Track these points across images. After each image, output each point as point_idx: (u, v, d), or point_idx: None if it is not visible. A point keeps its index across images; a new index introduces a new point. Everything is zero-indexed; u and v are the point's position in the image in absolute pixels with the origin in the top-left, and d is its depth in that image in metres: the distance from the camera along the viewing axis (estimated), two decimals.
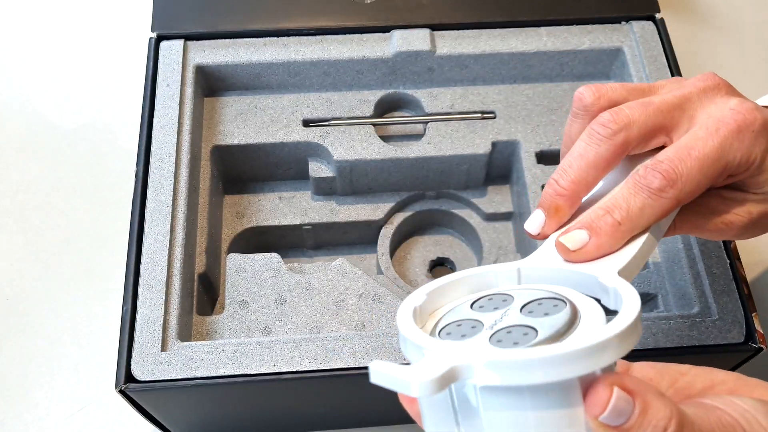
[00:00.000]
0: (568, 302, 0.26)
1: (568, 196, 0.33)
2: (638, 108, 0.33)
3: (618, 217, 0.31)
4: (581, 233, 0.31)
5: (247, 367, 0.41)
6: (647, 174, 0.31)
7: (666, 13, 0.55)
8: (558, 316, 0.26)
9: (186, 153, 0.49)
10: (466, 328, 0.27)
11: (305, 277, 0.49)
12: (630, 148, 0.33)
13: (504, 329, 0.26)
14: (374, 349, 0.42)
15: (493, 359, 0.23)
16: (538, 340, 0.25)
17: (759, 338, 0.43)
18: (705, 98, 0.33)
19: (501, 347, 0.25)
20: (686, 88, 0.34)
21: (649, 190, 0.31)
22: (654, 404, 0.24)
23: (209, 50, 0.53)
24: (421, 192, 0.55)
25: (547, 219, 0.33)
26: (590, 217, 0.31)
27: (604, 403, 0.24)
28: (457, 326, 0.27)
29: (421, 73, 0.54)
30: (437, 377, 0.22)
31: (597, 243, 0.31)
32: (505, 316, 0.27)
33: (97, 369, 0.55)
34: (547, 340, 0.25)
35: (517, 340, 0.25)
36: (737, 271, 0.45)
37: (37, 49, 0.70)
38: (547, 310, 0.26)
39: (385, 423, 0.52)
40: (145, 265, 0.44)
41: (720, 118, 0.32)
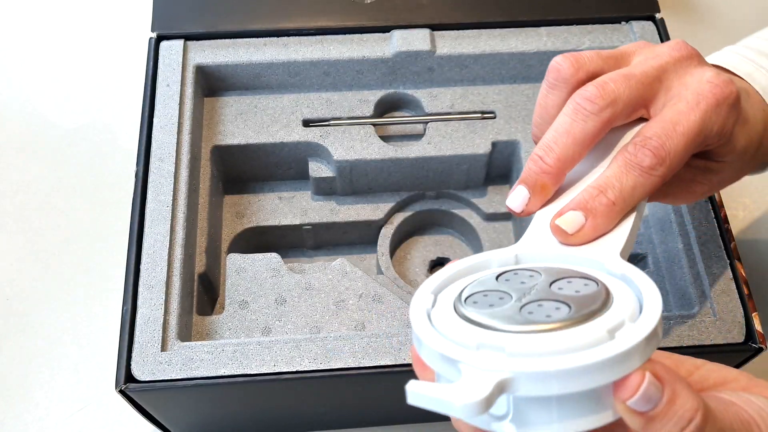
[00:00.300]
0: (599, 282, 0.26)
1: (553, 174, 0.32)
2: (622, 81, 0.32)
3: (612, 196, 0.31)
4: (577, 215, 0.31)
5: (247, 367, 0.41)
6: (638, 152, 0.31)
7: (666, 13, 0.55)
8: (590, 294, 0.26)
9: (186, 153, 0.49)
10: (494, 298, 0.26)
11: (305, 277, 0.49)
12: (614, 123, 0.33)
13: (535, 302, 0.26)
14: (374, 349, 0.42)
15: (539, 370, 0.23)
16: (571, 315, 0.24)
17: (759, 338, 0.43)
18: (680, 68, 0.33)
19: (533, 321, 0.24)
20: (662, 58, 0.34)
21: (640, 168, 0.31)
22: (682, 395, 0.24)
23: (209, 50, 0.53)
24: (421, 192, 0.55)
25: (531, 196, 0.33)
26: (584, 197, 0.31)
27: (635, 389, 0.24)
28: (484, 296, 0.27)
29: (421, 73, 0.54)
30: (483, 398, 0.22)
31: (593, 224, 0.31)
32: (533, 290, 0.27)
33: (97, 369, 0.55)
34: (582, 318, 0.24)
35: (549, 314, 0.25)
36: (737, 271, 0.45)
37: (37, 49, 0.70)
38: (578, 287, 0.26)
39: (385, 423, 0.52)
40: (145, 265, 0.44)
41: (699, 92, 0.32)
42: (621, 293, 0.26)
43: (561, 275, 0.27)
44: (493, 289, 0.27)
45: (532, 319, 0.24)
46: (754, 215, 0.63)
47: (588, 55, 0.34)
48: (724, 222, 0.47)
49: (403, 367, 0.42)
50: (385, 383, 0.44)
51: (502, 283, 0.28)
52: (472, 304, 0.26)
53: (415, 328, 0.26)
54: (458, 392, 0.22)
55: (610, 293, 0.26)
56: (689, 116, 0.32)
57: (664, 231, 0.48)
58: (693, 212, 0.47)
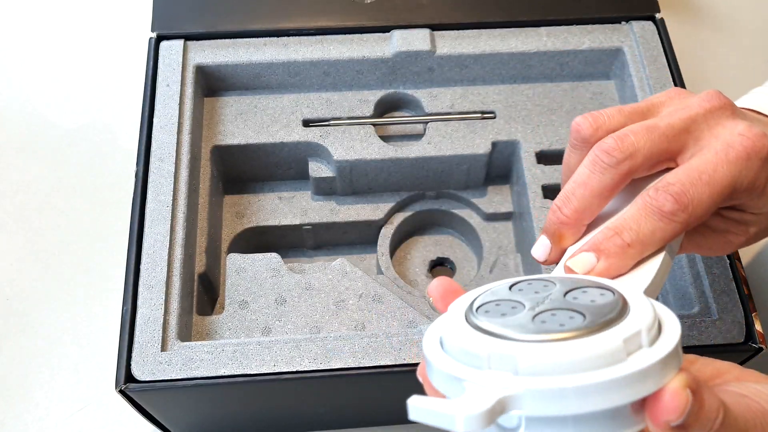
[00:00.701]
0: (615, 292, 0.26)
1: (571, 224, 0.32)
2: (643, 134, 0.32)
3: (627, 238, 0.30)
4: (589, 256, 0.31)
5: (247, 367, 0.41)
6: (659, 196, 0.31)
7: (666, 13, 0.55)
8: (606, 303, 0.25)
9: (186, 153, 0.49)
10: (506, 308, 0.26)
11: (305, 277, 0.49)
12: (634, 175, 0.32)
13: (548, 311, 0.25)
14: (374, 350, 0.42)
15: (544, 388, 0.22)
16: (586, 324, 0.24)
17: (759, 338, 0.43)
18: (711, 119, 0.33)
19: (546, 330, 0.24)
20: (692, 109, 0.33)
21: (660, 213, 0.30)
22: (707, 398, 0.24)
23: (209, 50, 0.53)
24: (421, 192, 0.55)
25: (552, 246, 0.33)
26: (598, 238, 0.31)
27: (681, 409, 0.23)
28: (496, 305, 0.26)
29: (421, 73, 0.54)
30: (484, 411, 0.22)
31: (605, 265, 0.30)
32: (547, 300, 0.26)
33: (97, 369, 0.55)
34: (596, 327, 0.24)
35: (563, 323, 0.24)
36: (737, 271, 0.45)
37: (37, 49, 0.70)
38: (593, 297, 0.26)
39: (385, 423, 0.52)
40: (145, 265, 0.44)
41: (729, 143, 0.31)
42: (638, 304, 0.25)
43: (577, 285, 0.27)
44: (506, 299, 0.27)
45: (546, 329, 0.24)
46: None
47: (608, 113, 0.34)
48: None
49: (403, 367, 0.42)
50: (385, 383, 0.44)
51: (515, 293, 0.27)
52: (484, 313, 0.26)
53: (426, 352, 0.26)
54: (460, 406, 0.22)
55: (627, 303, 0.25)
56: (717, 167, 0.31)
57: None
58: None
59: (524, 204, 0.51)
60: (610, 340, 0.23)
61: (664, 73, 0.52)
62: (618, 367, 0.22)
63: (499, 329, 0.24)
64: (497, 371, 0.23)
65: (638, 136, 0.32)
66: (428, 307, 0.50)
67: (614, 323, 0.24)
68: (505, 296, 0.27)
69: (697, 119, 0.33)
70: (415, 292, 0.51)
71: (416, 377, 0.30)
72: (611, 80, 0.55)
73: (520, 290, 0.27)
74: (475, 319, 0.25)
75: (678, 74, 0.52)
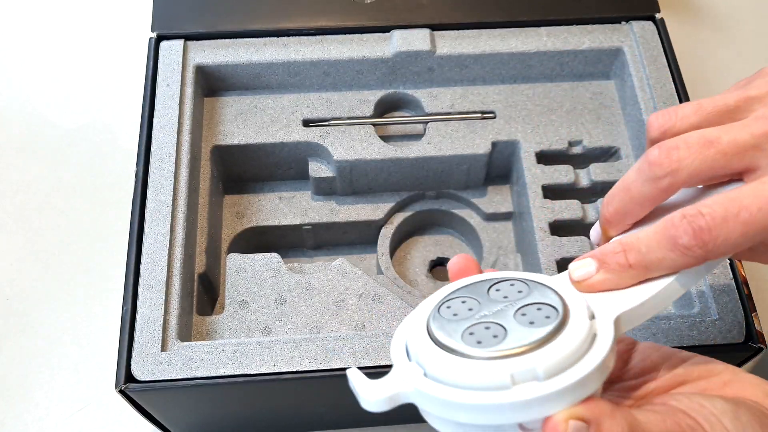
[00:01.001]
0: (559, 318, 0.27)
1: (612, 223, 0.32)
2: (696, 149, 0.29)
3: (632, 259, 0.29)
4: (590, 263, 0.30)
5: (247, 367, 0.41)
6: (679, 226, 0.28)
7: (666, 13, 0.55)
8: (537, 330, 0.26)
9: (186, 153, 0.49)
10: (463, 309, 0.29)
11: (305, 277, 0.49)
12: (679, 189, 0.30)
13: (484, 323, 0.27)
14: (374, 349, 0.42)
15: (424, 392, 0.26)
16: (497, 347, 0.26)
17: (759, 338, 0.43)
18: None
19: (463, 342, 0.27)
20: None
21: (674, 244, 0.28)
22: (606, 426, 0.25)
23: (209, 50, 0.53)
24: (421, 192, 0.55)
25: (601, 234, 0.33)
26: (606, 249, 0.30)
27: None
28: (462, 302, 0.29)
29: (421, 73, 0.54)
30: (381, 399, 0.27)
31: (603, 278, 0.30)
32: (499, 311, 0.28)
33: (97, 369, 0.55)
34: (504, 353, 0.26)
35: (481, 339, 0.26)
36: (737, 271, 0.45)
37: (37, 49, 0.70)
38: (536, 319, 0.27)
39: (385, 423, 0.52)
40: (145, 265, 0.44)
41: None
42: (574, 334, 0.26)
43: (540, 300, 0.28)
44: (473, 298, 0.29)
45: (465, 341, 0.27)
46: None
47: (683, 113, 0.31)
48: None
49: None
50: None
51: (489, 294, 0.29)
52: (444, 308, 0.29)
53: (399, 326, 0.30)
54: (367, 391, 0.27)
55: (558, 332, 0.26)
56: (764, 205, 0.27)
57: None
58: None
59: (524, 204, 0.51)
60: (499, 372, 0.25)
61: (664, 73, 0.52)
62: (497, 393, 0.25)
63: (434, 329, 0.28)
64: (416, 366, 0.27)
65: (690, 150, 0.29)
66: None
67: (526, 352, 0.26)
68: (475, 295, 0.29)
69: None
70: (415, 292, 0.51)
71: None
72: (611, 80, 0.55)
73: (497, 290, 0.29)
74: (432, 314, 0.29)
75: (678, 74, 0.52)
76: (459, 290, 0.30)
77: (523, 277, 0.30)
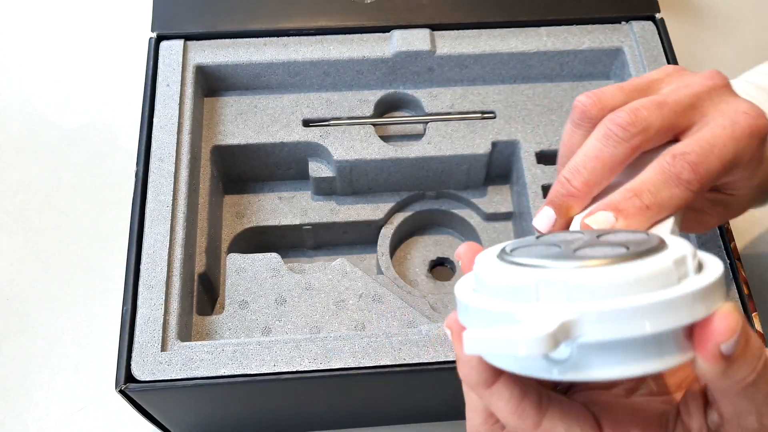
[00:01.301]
0: (647, 233, 0.26)
1: (580, 197, 0.32)
2: (654, 110, 0.32)
3: (646, 200, 0.31)
4: (607, 215, 0.31)
5: (247, 367, 0.41)
6: (677, 163, 0.31)
7: (666, 13, 0.55)
8: (643, 238, 0.25)
9: (186, 153, 0.49)
10: (542, 249, 0.25)
11: (305, 277, 0.49)
12: (644, 149, 0.33)
13: (587, 247, 0.24)
14: (374, 349, 0.42)
15: (602, 310, 0.21)
16: (630, 252, 0.23)
17: (760, 339, 0.43)
18: (715, 96, 0.33)
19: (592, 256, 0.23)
20: (695, 87, 0.34)
21: (678, 180, 0.31)
22: (752, 335, 0.24)
23: (209, 50, 0.53)
24: (421, 192, 0.55)
25: (557, 218, 0.33)
26: (616, 198, 0.31)
27: (732, 330, 0.23)
28: (531, 248, 0.25)
29: (421, 73, 0.54)
30: (548, 334, 0.21)
31: (624, 224, 0.30)
32: (582, 240, 0.25)
33: (97, 369, 0.55)
34: (642, 253, 0.23)
35: (606, 253, 0.23)
36: (737, 271, 0.45)
37: (37, 49, 0.70)
38: (627, 237, 0.25)
39: (386, 423, 0.52)
40: (145, 265, 0.44)
41: (735, 120, 0.32)
42: (673, 239, 0.26)
43: (606, 232, 0.27)
44: (538, 244, 0.26)
45: (592, 255, 0.23)
46: (754, 215, 0.62)
47: (611, 91, 0.34)
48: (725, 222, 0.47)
49: (403, 367, 0.42)
50: (385, 383, 0.44)
51: (545, 241, 0.27)
52: (521, 253, 0.25)
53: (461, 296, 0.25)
54: (522, 330, 0.21)
55: (662, 239, 0.25)
56: (726, 143, 0.31)
57: None
58: None
59: (524, 204, 0.51)
60: (661, 262, 0.23)
61: None
62: (671, 289, 0.22)
63: (543, 261, 0.23)
64: (548, 301, 0.22)
65: (649, 111, 0.32)
66: (428, 307, 0.50)
67: (658, 251, 0.24)
68: (535, 243, 0.26)
69: (702, 96, 0.33)
70: (415, 292, 0.51)
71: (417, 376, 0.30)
72: (611, 80, 0.55)
73: (548, 240, 0.27)
74: (514, 258, 0.24)
75: None
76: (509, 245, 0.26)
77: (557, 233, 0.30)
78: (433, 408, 0.49)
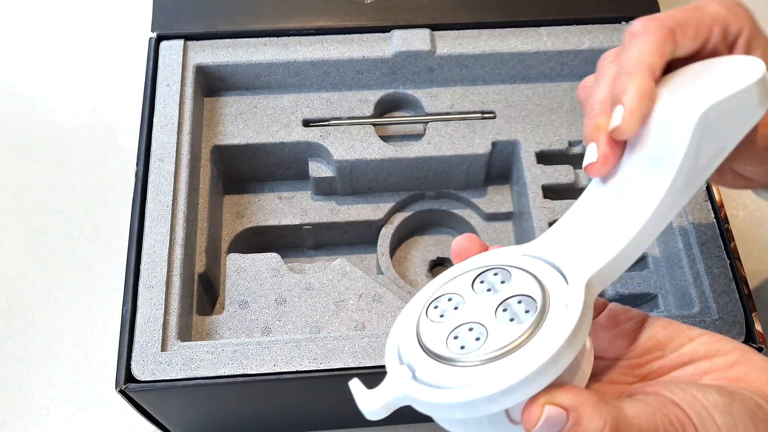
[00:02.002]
0: (537, 311, 0.27)
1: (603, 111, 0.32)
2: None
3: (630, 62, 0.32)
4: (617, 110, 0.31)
5: (247, 367, 0.41)
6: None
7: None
8: (515, 329, 0.27)
9: (186, 153, 0.49)
10: (450, 308, 0.30)
11: (305, 277, 0.49)
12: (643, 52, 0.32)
13: (468, 324, 0.28)
14: (374, 349, 0.42)
15: (412, 396, 0.28)
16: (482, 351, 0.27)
17: (759, 338, 0.43)
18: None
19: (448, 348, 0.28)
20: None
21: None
22: (586, 416, 0.26)
23: (209, 50, 0.53)
24: (421, 192, 0.55)
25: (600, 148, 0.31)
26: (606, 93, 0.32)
27: (536, 419, 0.26)
28: (448, 300, 0.30)
29: (421, 73, 0.54)
30: (379, 408, 0.29)
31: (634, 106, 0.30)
32: (485, 306, 0.29)
33: (97, 369, 0.55)
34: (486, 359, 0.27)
35: (464, 344, 0.28)
36: (737, 271, 0.45)
37: (38, 49, 0.70)
38: (515, 314, 0.28)
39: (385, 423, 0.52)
40: (145, 265, 0.44)
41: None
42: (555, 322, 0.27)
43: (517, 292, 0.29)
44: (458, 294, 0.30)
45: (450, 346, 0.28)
46: (754, 215, 0.63)
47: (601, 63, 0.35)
48: (724, 222, 0.47)
49: None
50: None
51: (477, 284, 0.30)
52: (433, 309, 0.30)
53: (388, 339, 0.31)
54: (365, 402, 0.29)
55: (538, 326, 0.27)
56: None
57: (664, 231, 0.48)
58: (693, 212, 0.47)
59: (524, 204, 0.51)
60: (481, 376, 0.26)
61: None
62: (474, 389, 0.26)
63: (422, 335, 0.29)
64: (406, 369, 0.29)
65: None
66: None
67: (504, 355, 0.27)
68: (460, 291, 0.30)
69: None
70: (415, 292, 0.51)
71: None
72: None
73: (481, 282, 0.30)
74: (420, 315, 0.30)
75: None
76: (447, 284, 0.31)
77: (506, 264, 0.30)
78: None
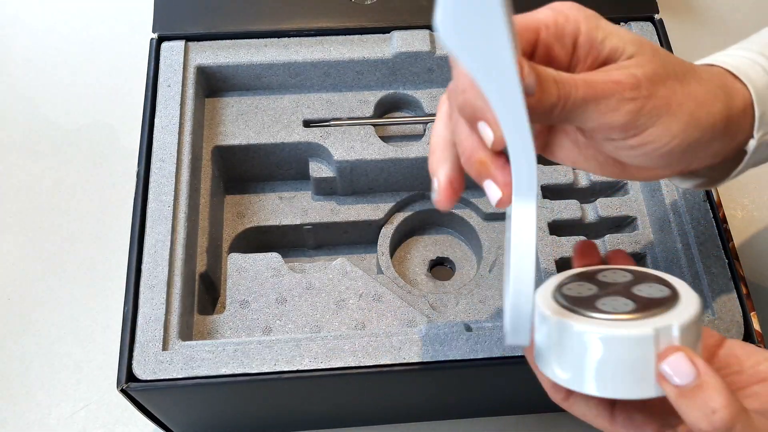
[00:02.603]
0: (672, 290, 0.32)
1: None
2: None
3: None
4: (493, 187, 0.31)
5: (248, 366, 0.42)
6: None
7: (665, 13, 0.55)
8: (660, 291, 0.32)
9: (187, 153, 0.49)
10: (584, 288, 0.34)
11: (306, 276, 0.49)
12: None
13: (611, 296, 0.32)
14: (374, 348, 0.42)
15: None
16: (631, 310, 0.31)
17: (757, 337, 0.43)
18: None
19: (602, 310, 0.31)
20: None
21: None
22: (711, 387, 0.28)
23: (210, 51, 0.53)
24: (421, 192, 0.56)
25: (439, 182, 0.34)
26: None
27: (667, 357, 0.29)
28: (579, 285, 0.34)
29: (420, 73, 0.54)
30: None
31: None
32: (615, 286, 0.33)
33: (99, 368, 0.55)
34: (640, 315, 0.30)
35: (617, 307, 0.31)
36: (736, 270, 0.45)
37: (39, 49, 0.71)
38: (653, 292, 0.32)
39: (385, 422, 0.53)
40: (146, 264, 0.45)
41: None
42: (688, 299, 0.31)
43: (646, 279, 0.33)
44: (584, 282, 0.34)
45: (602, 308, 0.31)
46: (752, 215, 0.63)
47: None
48: (723, 222, 0.47)
49: (403, 366, 0.42)
50: (385, 382, 0.44)
51: (601, 277, 0.35)
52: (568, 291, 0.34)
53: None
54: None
55: (678, 297, 0.31)
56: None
57: (662, 231, 0.48)
58: (692, 212, 0.47)
59: None
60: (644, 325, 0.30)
61: None
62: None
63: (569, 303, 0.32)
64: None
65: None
66: (428, 307, 0.50)
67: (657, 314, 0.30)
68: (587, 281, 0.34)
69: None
70: (414, 292, 0.51)
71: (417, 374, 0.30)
72: None
73: (605, 276, 0.35)
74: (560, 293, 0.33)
75: None
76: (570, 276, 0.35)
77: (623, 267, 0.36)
78: (433, 406, 0.49)
